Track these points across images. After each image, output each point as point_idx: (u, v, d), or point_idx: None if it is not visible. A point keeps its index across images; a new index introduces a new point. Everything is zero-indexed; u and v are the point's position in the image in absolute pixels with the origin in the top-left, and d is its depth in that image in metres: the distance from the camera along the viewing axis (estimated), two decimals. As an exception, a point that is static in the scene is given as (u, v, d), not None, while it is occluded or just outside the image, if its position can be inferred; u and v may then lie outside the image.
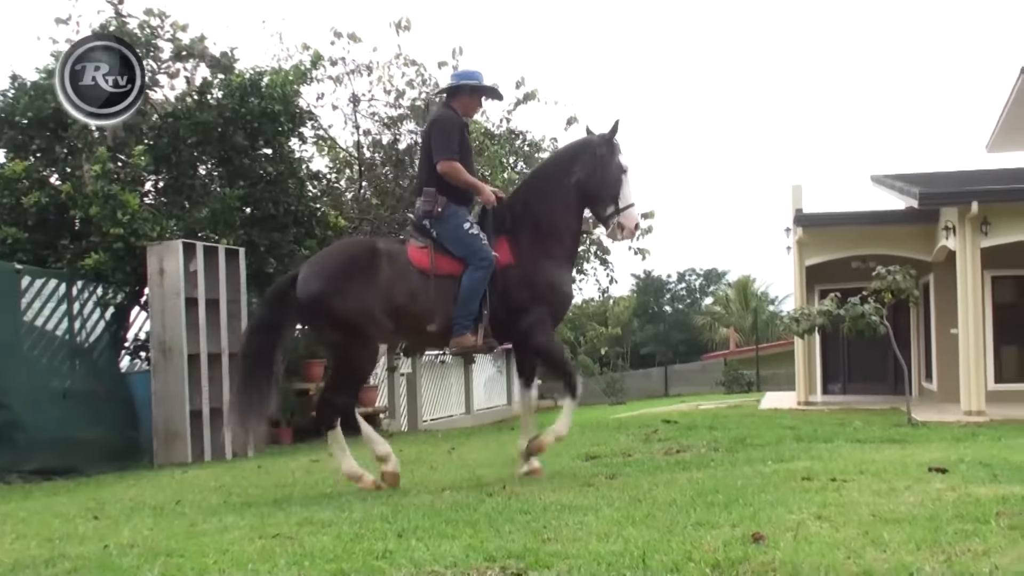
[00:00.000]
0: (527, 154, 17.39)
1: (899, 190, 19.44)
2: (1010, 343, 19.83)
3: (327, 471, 9.37)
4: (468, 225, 7.32)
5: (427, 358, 22.61)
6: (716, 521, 5.02)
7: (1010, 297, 20.13)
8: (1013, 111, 25.41)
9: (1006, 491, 5.44)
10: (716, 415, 16.68)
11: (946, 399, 18.30)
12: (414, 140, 16.74)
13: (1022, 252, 17.13)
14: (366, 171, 16.66)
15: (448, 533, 5.07)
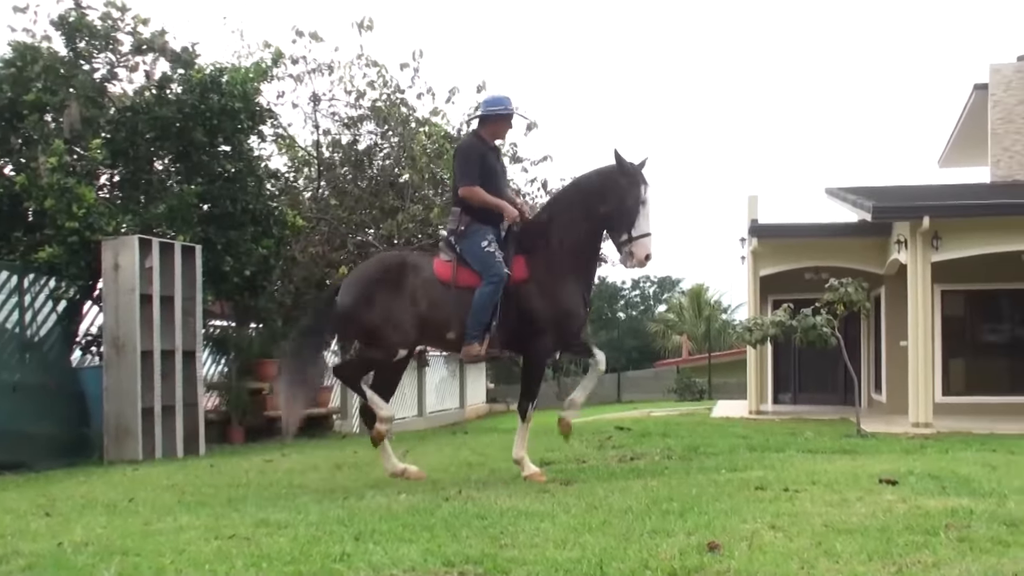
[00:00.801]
0: (487, 158, 17.39)
1: (853, 203, 19.66)
2: (958, 356, 20.11)
3: (281, 471, 9.36)
4: (486, 243, 7.80)
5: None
6: (672, 529, 5.07)
7: (959, 311, 20.41)
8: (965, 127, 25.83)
9: (955, 503, 5.54)
10: (668, 423, 16.76)
11: (894, 411, 18.52)
12: (374, 141, 16.72)
13: (972, 267, 17.38)
14: (325, 171, 16.59)
15: (406, 537, 5.08)
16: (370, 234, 16.08)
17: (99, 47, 13.60)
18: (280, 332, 14.86)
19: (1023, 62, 23.41)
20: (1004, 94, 23.47)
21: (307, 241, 15.56)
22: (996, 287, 19.84)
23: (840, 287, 14.48)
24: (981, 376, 20.18)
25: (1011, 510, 5.31)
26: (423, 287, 7.86)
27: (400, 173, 16.44)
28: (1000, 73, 23.58)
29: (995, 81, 23.53)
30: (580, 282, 7.98)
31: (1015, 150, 23.39)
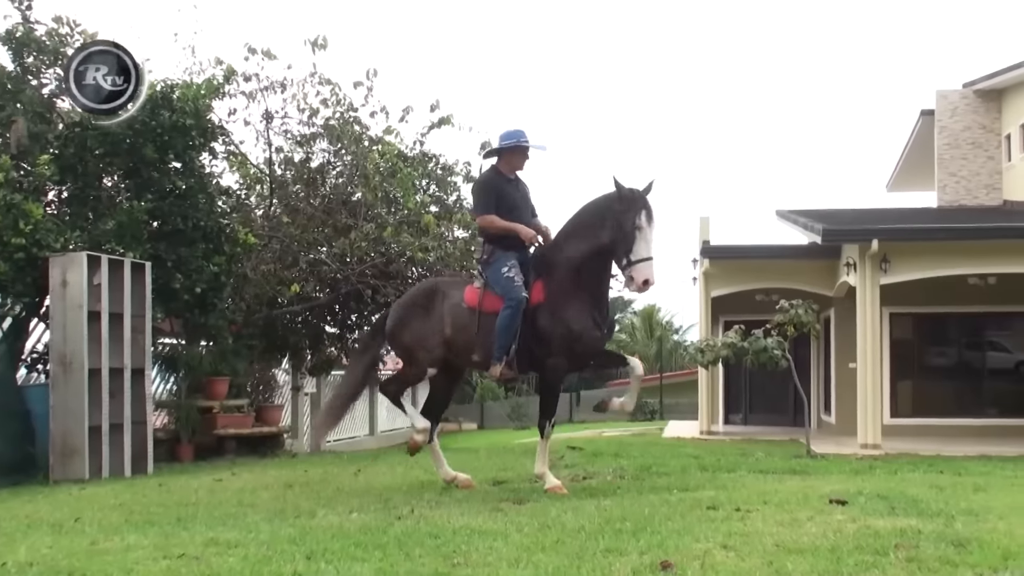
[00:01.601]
0: (440, 177, 17.40)
1: (803, 225, 19.87)
2: (906, 378, 20.36)
3: (231, 490, 9.26)
4: (506, 268, 8.27)
5: (332, 378, 22.41)
6: (625, 548, 5.07)
7: (907, 334, 20.67)
8: (912, 152, 26.23)
9: (903, 524, 5.58)
10: (621, 442, 16.83)
11: (844, 432, 18.68)
12: (326, 159, 16.66)
13: (919, 290, 17.60)
14: (277, 188, 16.50)
15: (358, 556, 5.05)
16: (323, 252, 16.01)
17: (47, 62, 13.47)
18: (231, 350, 14.74)
19: (968, 89, 23.80)
20: (950, 120, 23.89)
21: (259, 259, 15.46)
22: (943, 310, 20.12)
23: (790, 309, 14.59)
24: (928, 398, 20.44)
25: (958, 530, 5.36)
26: (451, 311, 8.55)
27: (353, 191, 16.40)
28: (946, 99, 23.99)
29: (941, 107, 23.94)
30: (590, 304, 8.15)
31: (961, 175, 23.79)
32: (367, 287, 15.74)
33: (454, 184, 17.53)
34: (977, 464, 11.83)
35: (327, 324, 18.33)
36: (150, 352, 12.93)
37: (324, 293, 16.68)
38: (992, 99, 23.72)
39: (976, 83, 23.63)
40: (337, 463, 12.64)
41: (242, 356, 15.17)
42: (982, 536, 5.16)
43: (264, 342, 16.32)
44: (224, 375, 14.65)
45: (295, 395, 20.15)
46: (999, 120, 23.68)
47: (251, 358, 15.73)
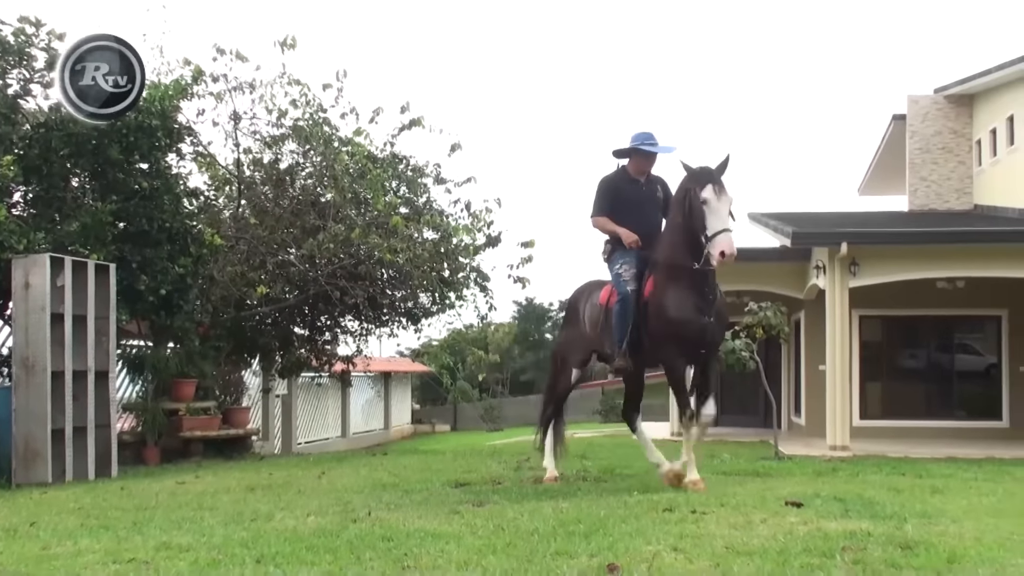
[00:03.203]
0: (410, 179, 17.34)
1: (774, 228, 19.94)
2: (875, 381, 20.44)
3: (192, 493, 9.20)
4: (618, 265, 8.62)
5: (303, 379, 22.36)
6: (575, 551, 5.06)
7: (876, 336, 20.76)
8: (884, 157, 26.38)
9: (855, 526, 5.60)
10: (591, 444, 16.84)
11: (813, 433, 18.75)
12: (295, 160, 16.59)
13: (888, 293, 17.69)
14: (245, 189, 16.41)
15: (308, 560, 5.03)
16: (291, 253, 15.94)
17: (12, 63, 13.31)
18: (198, 351, 14.66)
19: (940, 94, 23.94)
20: (921, 125, 24.02)
21: (226, 260, 15.36)
22: (912, 313, 20.22)
23: (759, 311, 14.60)
24: (897, 400, 20.53)
25: (908, 533, 5.38)
26: (590, 310, 9.13)
27: (322, 193, 16.32)
28: (918, 104, 24.12)
29: (913, 112, 24.07)
30: (691, 292, 8.15)
31: (931, 180, 23.92)
32: (336, 288, 15.65)
33: (424, 186, 17.47)
34: (941, 466, 11.88)
35: (296, 326, 18.27)
36: (115, 354, 12.83)
37: (293, 295, 16.60)
38: (963, 104, 23.87)
39: (947, 88, 23.76)
40: (302, 465, 12.58)
41: (209, 358, 15.08)
42: (931, 539, 5.17)
43: (232, 344, 16.24)
44: (191, 377, 14.56)
45: (265, 397, 20.10)
46: (970, 125, 23.83)
47: (218, 360, 15.65)
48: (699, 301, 8.13)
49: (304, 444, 23.44)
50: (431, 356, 21.12)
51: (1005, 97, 21.57)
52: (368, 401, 32.11)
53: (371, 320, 18.03)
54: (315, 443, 24.52)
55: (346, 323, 18.50)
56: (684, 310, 8.14)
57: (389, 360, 30.33)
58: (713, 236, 7.76)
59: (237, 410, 15.76)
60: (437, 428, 38.31)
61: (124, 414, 14.33)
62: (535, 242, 17.08)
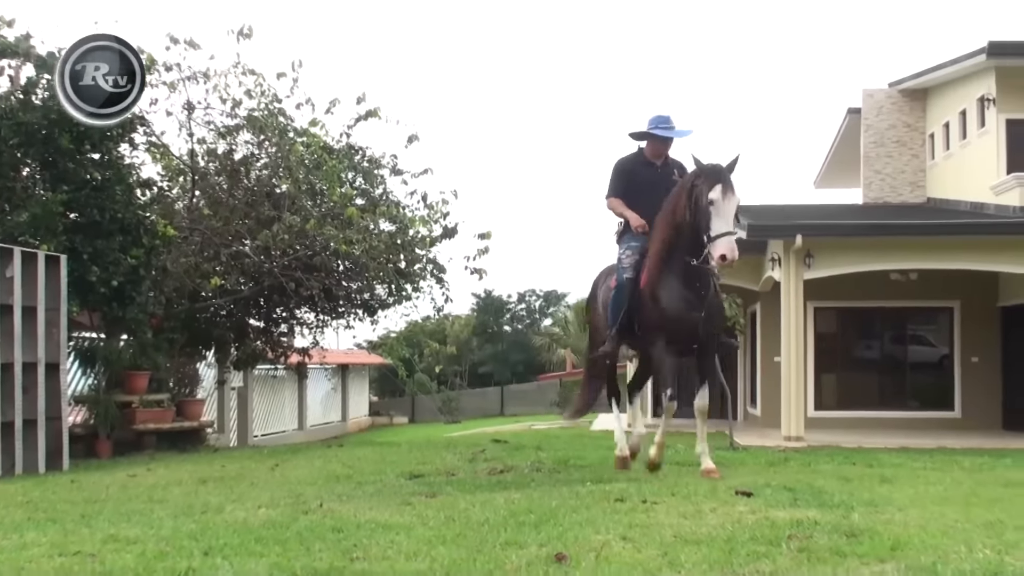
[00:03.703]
0: (366, 170, 17.26)
1: (729, 220, 20.00)
2: (830, 372, 20.64)
3: (143, 486, 9.12)
4: (622, 249, 8.71)
5: (259, 372, 22.24)
6: (524, 541, 5.06)
7: (831, 327, 20.96)
8: (839, 150, 26.60)
9: (802, 515, 5.63)
10: (547, 435, 16.87)
11: (769, 424, 18.89)
12: (250, 151, 16.45)
13: (843, 285, 17.85)
14: (199, 180, 16.26)
15: (256, 551, 4.99)
16: (246, 245, 15.80)
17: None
18: (151, 343, 14.52)
19: (894, 88, 24.16)
20: (876, 119, 24.23)
21: (179, 251, 15.22)
22: (866, 305, 20.42)
23: (714, 303, 14.66)
24: (852, 391, 20.74)
25: (854, 521, 5.42)
26: (603, 293, 9.15)
27: (277, 184, 16.19)
28: (873, 98, 24.33)
29: (868, 106, 24.28)
30: (683, 285, 8.10)
31: (886, 173, 24.15)
32: (291, 280, 15.56)
33: (380, 177, 17.39)
34: (892, 456, 11.99)
35: (252, 317, 18.15)
36: (66, 346, 12.66)
37: (248, 286, 16.49)
38: (917, 99, 24.11)
39: (902, 83, 23.99)
40: (256, 458, 12.50)
41: (163, 350, 14.93)
42: (876, 527, 5.22)
43: (186, 336, 16.09)
44: (144, 369, 14.41)
45: (221, 389, 19.97)
46: (923, 119, 24.08)
47: (172, 352, 15.50)
48: (691, 296, 8.09)
49: (260, 437, 23.35)
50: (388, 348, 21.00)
51: (958, 91, 21.81)
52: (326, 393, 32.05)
53: (327, 312, 17.95)
54: (272, 436, 24.43)
55: (302, 315, 18.41)
56: (674, 306, 8.12)
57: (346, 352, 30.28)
58: (716, 238, 7.67)
59: (191, 402, 15.61)
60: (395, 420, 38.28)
61: (75, 407, 14.20)
62: (491, 234, 17.06)
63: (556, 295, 60.82)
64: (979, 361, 20.09)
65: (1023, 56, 19.54)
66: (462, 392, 44.40)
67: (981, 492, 7.29)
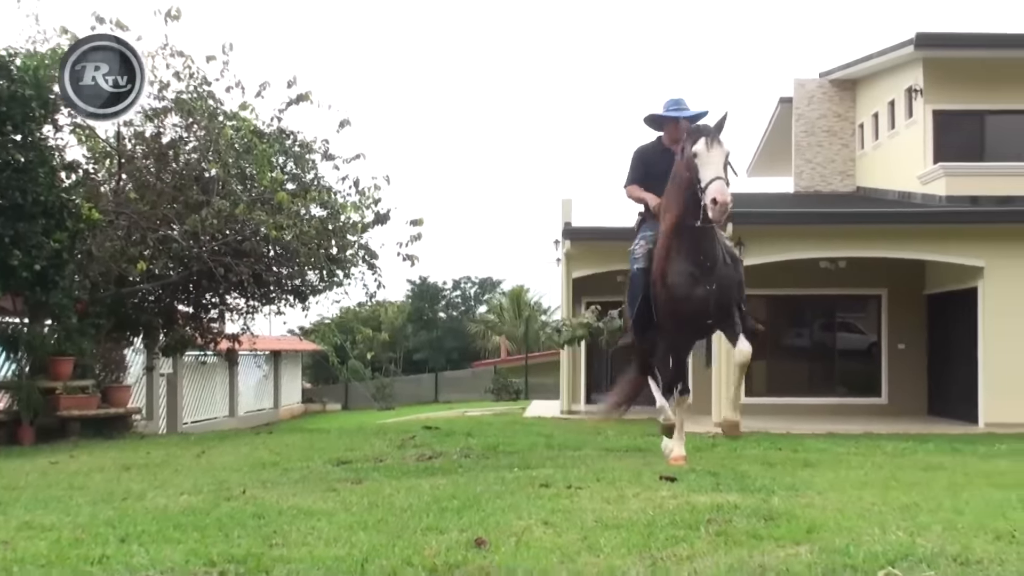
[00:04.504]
0: (297, 155, 17.08)
1: (662, 208, 20.14)
2: (760, 358, 20.76)
3: (64, 473, 8.97)
4: (637, 240, 8.57)
5: (189, 358, 21.98)
6: (446, 526, 5.06)
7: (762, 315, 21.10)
8: (771, 139, 26.86)
9: (723, 499, 5.69)
10: (480, 422, 16.86)
11: (701, 411, 19.03)
12: (178, 134, 16.19)
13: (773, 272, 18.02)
14: (126, 163, 15.98)
15: (174, 538, 4.95)
16: (174, 229, 15.57)
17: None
18: (76, 329, 14.27)
19: (825, 78, 24.42)
20: (807, 108, 24.49)
21: (105, 235, 14.95)
22: (796, 292, 20.65)
23: (647, 290, 14.74)
24: (782, 378, 20.98)
25: (774, 505, 5.48)
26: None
27: (206, 168, 15.95)
28: (804, 88, 24.59)
29: (799, 95, 24.54)
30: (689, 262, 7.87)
31: (817, 162, 24.44)
32: (220, 265, 15.35)
33: (312, 162, 17.21)
34: (818, 441, 12.15)
35: (180, 303, 17.91)
36: (-14, 331, 12.44)
37: (176, 271, 16.26)
38: (847, 89, 24.42)
39: (832, 73, 24.26)
40: (183, 444, 12.35)
41: (88, 335, 14.66)
42: (794, 511, 5.28)
43: (112, 321, 15.81)
44: (69, 355, 14.14)
45: (149, 376, 19.72)
46: (853, 109, 24.39)
47: (98, 337, 15.22)
48: (695, 271, 7.86)
49: (191, 424, 23.09)
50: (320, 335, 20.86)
51: (887, 82, 22.11)
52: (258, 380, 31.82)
53: (257, 298, 17.75)
54: (202, 423, 24.16)
55: (232, 301, 18.19)
56: (680, 282, 7.91)
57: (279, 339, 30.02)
58: (706, 187, 7.46)
59: (117, 388, 15.36)
60: (328, 407, 38.10)
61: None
62: (424, 220, 16.96)
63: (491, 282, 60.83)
64: (906, 348, 20.44)
65: (950, 48, 19.88)
66: (396, 379, 44.26)
67: (900, 476, 7.41)
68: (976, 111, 20.23)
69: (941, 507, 5.53)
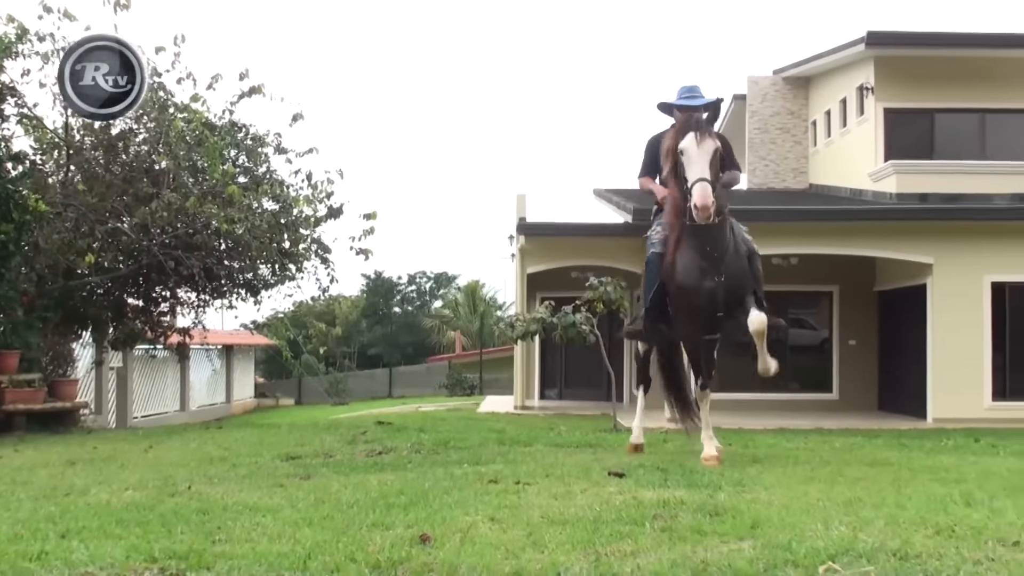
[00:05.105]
0: (249, 148, 16.92)
1: (616, 204, 20.22)
2: (709, 354, 20.89)
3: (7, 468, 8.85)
4: (653, 227, 8.59)
5: (139, 352, 21.76)
6: (392, 523, 5.05)
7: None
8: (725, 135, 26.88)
9: (669, 495, 5.70)
10: (433, 417, 16.82)
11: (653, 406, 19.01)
12: (128, 126, 15.99)
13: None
14: (74, 155, 15.76)
15: (115, 534, 4.91)
16: (124, 222, 15.38)
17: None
18: (22, 322, 14.07)
19: (778, 75, 24.56)
20: (761, 105, 24.63)
21: (52, 227, 14.73)
22: (750, 288, 20.69)
23: (599, 286, 14.78)
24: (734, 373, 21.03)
25: (720, 501, 5.50)
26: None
27: (157, 160, 15.78)
28: (758, 85, 24.72)
29: (752, 93, 24.66)
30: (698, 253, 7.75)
31: (770, 159, 24.59)
32: (170, 258, 15.19)
33: (264, 155, 17.05)
34: (768, 437, 12.24)
35: (130, 296, 17.70)
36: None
37: (126, 264, 16.06)
38: (800, 86, 24.59)
39: (785, 70, 24.41)
40: (131, 439, 12.22)
41: (35, 328, 14.47)
42: (739, 506, 5.30)
43: (60, 314, 15.60)
44: (14, 348, 13.96)
45: (98, 370, 19.51)
46: (806, 107, 24.57)
47: (45, 331, 15.03)
48: (703, 262, 7.73)
49: (141, 418, 22.88)
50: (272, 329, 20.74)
51: (839, 80, 22.29)
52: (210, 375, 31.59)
53: (208, 291, 17.57)
54: (153, 417, 23.96)
55: (183, 294, 18.00)
56: (691, 272, 7.81)
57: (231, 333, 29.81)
58: (690, 188, 7.37)
59: (64, 382, 15.17)
60: (281, 402, 37.89)
61: (-59, 387, 13.71)
62: (377, 214, 16.88)
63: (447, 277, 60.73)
64: (856, 344, 20.60)
65: (901, 46, 20.07)
66: (350, 374, 44.06)
67: (847, 471, 7.45)
68: (926, 109, 20.46)
69: (885, 502, 5.57)
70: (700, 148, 7.44)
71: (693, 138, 7.48)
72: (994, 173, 19.04)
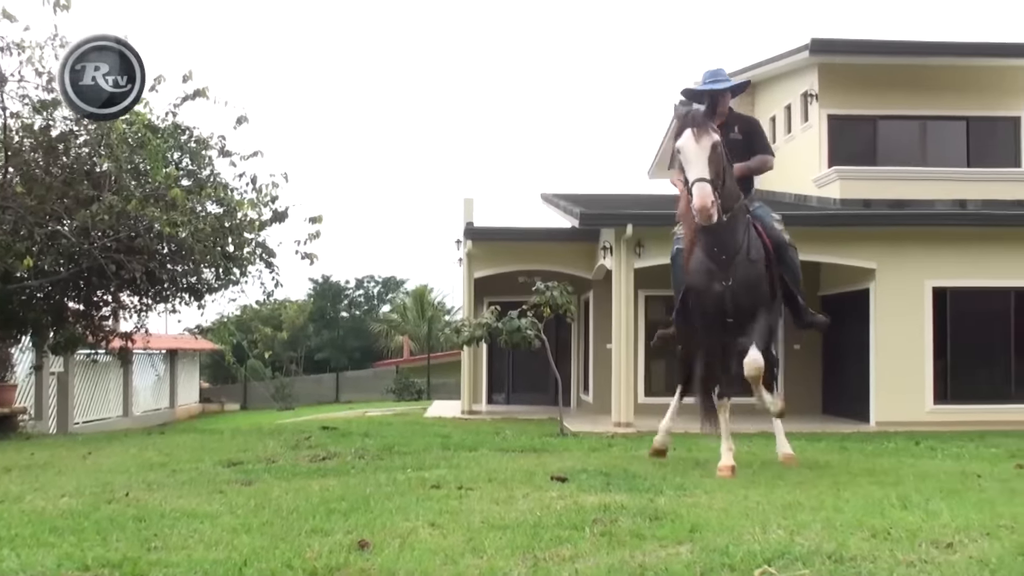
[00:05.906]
0: (193, 151, 16.74)
1: (564, 209, 20.27)
2: (659, 359, 20.97)
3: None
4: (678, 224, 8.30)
5: (81, 357, 21.46)
6: (331, 528, 5.02)
7: (661, 315, 21.28)
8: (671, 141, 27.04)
9: (611, 500, 5.71)
10: (379, 422, 16.78)
11: (601, 410, 19.14)
12: (68, 127, 15.76)
13: (672, 274, 18.19)
14: (12, 156, 15.50)
15: (49, 542, 4.85)
16: (64, 225, 15.15)
17: None
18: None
19: (724, 81, 24.61)
20: (706, 110, 24.63)
21: (-12, 230, 14.48)
22: (695, 293, 20.80)
23: (546, 291, 14.81)
24: (679, 377, 21.15)
25: (660, 505, 5.52)
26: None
27: (98, 162, 15.55)
28: (703, 90, 24.74)
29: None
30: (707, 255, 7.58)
31: (715, 164, 24.61)
32: (111, 262, 14.98)
33: (208, 158, 16.86)
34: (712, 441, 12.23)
35: (71, 300, 17.44)
36: None
37: (67, 268, 15.82)
38: (746, 92, 24.71)
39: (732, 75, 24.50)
40: (70, 445, 12.07)
41: (-29, 333, 14.26)
42: (679, 510, 5.32)
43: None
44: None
45: (38, 375, 19.22)
46: (752, 113, 24.69)
47: (-18, 336, 14.80)
48: (711, 264, 7.55)
49: (83, 424, 22.59)
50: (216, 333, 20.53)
51: (784, 86, 22.47)
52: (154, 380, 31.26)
53: (150, 295, 17.35)
54: (95, 423, 23.64)
55: (125, 298, 17.76)
56: (700, 274, 7.67)
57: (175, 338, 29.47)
58: (690, 188, 7.16)
59: (2, 388, 14.97)
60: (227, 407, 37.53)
61: None
62: (323, 218, 16.72)
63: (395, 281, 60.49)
64: (801, 348, 20.74)
65: (844, 53, 20.28)
66: (297, 378, 43.81)
67: (787, 475, 7.51)
68: (869, 116, 20.67)
69: (823, 505, 5.62)
70: (698, 146, 7.21)
71: (690, 135, 7.25)
72: (935, 179, 19.30)
